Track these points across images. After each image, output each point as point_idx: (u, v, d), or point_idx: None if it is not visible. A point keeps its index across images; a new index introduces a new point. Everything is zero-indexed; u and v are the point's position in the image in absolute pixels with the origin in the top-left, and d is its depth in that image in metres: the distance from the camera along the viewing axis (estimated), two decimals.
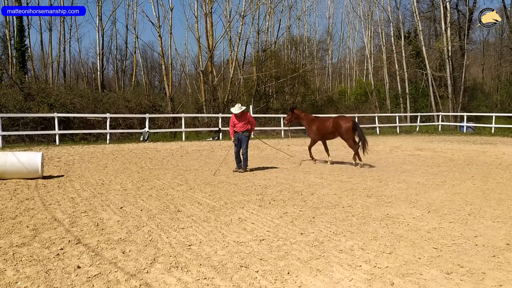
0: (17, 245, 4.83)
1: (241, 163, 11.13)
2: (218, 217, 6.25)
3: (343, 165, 12.21)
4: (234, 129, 11.10)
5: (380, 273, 4.07)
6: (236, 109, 11.00)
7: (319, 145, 13.37)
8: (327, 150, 12.95)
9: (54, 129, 19.12)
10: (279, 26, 36.97)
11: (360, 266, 4.28)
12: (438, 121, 31.97)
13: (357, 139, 11.85)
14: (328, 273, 4.10)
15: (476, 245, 4.94)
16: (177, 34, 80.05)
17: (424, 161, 13.10)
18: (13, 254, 4.53)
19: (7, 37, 33.36)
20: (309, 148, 13.11)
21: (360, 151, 11.78)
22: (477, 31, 41.00)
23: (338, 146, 16.73)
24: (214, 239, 5.15)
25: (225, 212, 6.57)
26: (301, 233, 5.40)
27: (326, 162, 12.78)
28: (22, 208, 6.67)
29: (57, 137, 19.04)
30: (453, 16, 34.73)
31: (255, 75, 31.05)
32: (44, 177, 9.69)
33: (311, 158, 13.08)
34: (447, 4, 33.07)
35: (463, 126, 29.70)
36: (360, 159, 11.80)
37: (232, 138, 11.29)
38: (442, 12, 33.13)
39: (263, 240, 5.12)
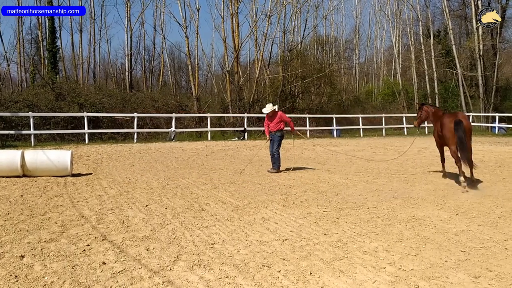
0: (45, 241, 4.95)
1: (274, 163, 10.97)
2: (241, 216, 6.26)
3: (369, 166, 12.04)
4: (269, 128, 11.09)
5: (404, 276, 3.99)
6: (266, 109, 10.97)
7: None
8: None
9: (84, 128, 19.58)
10: (305, 26, 36.75)
11: (384, 268, 4.20)
12: None
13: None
14: (351, 274, 4.04)
15: (506, 249, 4.79)
16: (204, 34, 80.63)
17: (453, 163, 12.71)
18: (41, 249, 4.65)
19: (40, 39, 34.32)
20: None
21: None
22: (510, 29, 39.74)
23: (365, 147, 16.44)
24: (237, 238, 5.15)
25: (248, 211, 6.57)
26: (325, 234, 5.35)
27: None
28: (51, 205, 6.85)
29: (86, 136, 19.49)
30: (478, 15, 33.78)
31: (281, 75, 30.96)
32: (73, 175, 9.92)
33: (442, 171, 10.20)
34: (479, 2, 32.19)
35: (494, 127, 28.88)
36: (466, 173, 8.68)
37: (267, 137, 11.18)
38: (473, 10, 32.26)
39: (286, 240, 5.09)
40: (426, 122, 10.76)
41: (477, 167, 8.92)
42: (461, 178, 8.42)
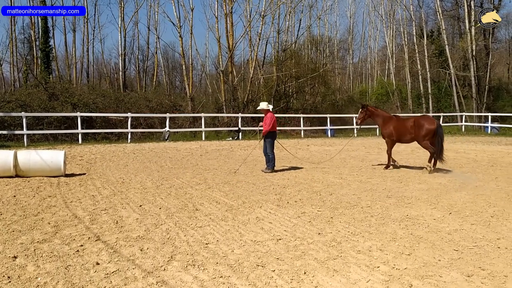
0: (38, 241, 4.92)
1: (268, 163, 10.95)
2: (235, 216, 6.26)
3: (363, 165, 12.09)
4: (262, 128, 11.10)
5: (398, 275, 4.01)
6: (261, 106, 11.03)
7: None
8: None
9: (77, 128, 19.48)
10: (299, 26, 36.76)
11: (378, 267, 4.22)
12: (461, 122, 31.35)
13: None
14: (345, 273, 4.05)
15: (499, 247, 4.82)
16: (198, 34, 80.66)
17: (446, 162, 12.82)
18: (34, 250, 4.63)
19: (33, 38, 34.08)
20: (388, 153, 11.71)
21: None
22: (502, 29, 40.09)
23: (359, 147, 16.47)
24: (231, 238, 5.15)
25: (242, 211, 6.57)
26: (319, 233, 5.36)
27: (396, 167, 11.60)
28: (44, 205, 6.81)
29: (80, 136, 19.39)
30: (478, 15, 34.04)
31: (275, 75, 30.95)
32: (67, 175, 9.87)
33: (388, 164, 11.59)
34: (471, 2, 32.38)
35: (487, 127, 29.09)
36: (433, 165, 10.84)
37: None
38: (466, 10, 32.46)
39: (280, 239, 5.10)
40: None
41: (445, 162, 11.08)
42: (429, 165, 10.84)
